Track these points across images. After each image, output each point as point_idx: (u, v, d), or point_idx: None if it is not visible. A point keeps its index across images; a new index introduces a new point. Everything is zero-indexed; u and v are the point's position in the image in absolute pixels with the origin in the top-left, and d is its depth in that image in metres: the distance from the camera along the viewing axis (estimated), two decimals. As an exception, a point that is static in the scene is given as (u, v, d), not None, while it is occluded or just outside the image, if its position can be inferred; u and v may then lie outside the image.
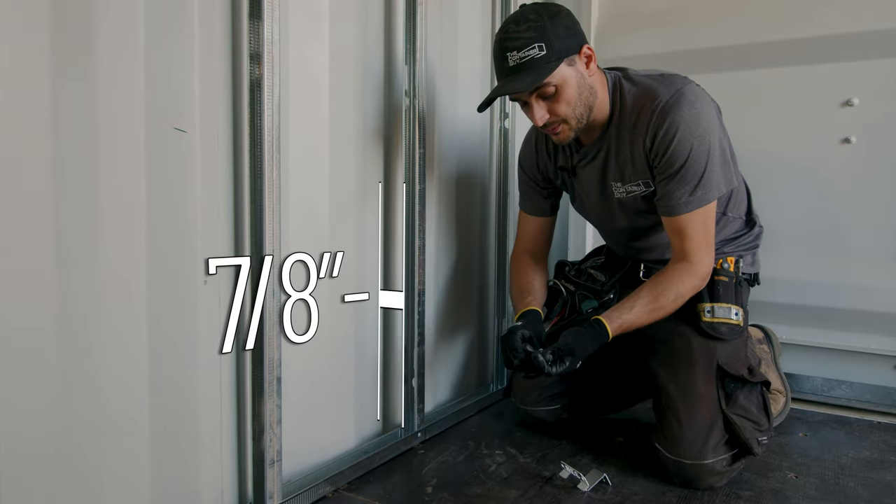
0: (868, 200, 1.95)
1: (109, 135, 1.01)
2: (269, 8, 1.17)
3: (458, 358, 1.97)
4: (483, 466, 1.53)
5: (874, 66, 1.93)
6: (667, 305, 1.49)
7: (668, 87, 1.48)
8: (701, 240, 1.48)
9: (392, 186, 1.62)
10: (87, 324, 1.00)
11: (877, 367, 1.97)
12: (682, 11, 2.20)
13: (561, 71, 1.41)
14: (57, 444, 0.98)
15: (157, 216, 1.09)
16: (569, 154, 1.66)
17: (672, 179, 1.47)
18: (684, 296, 1.50)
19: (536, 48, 1.38)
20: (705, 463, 1.40)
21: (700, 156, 1.44)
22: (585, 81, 1.46)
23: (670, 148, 1.44)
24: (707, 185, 1.46)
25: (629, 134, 1.52)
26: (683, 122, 1.43)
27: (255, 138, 1.19)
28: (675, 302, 1.49)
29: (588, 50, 1.46)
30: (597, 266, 1.84)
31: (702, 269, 1.50)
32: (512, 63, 1.40)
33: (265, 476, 1.22)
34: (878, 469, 1.53)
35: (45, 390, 0.96)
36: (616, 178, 1.58)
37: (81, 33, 0.97)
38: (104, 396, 1.03)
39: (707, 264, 1.50)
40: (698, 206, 1.46)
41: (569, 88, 1.44)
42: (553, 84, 1.42)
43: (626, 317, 1.48)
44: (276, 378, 1.23)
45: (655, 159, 1.48)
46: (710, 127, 1.45)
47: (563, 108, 1.45)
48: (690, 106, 1.44)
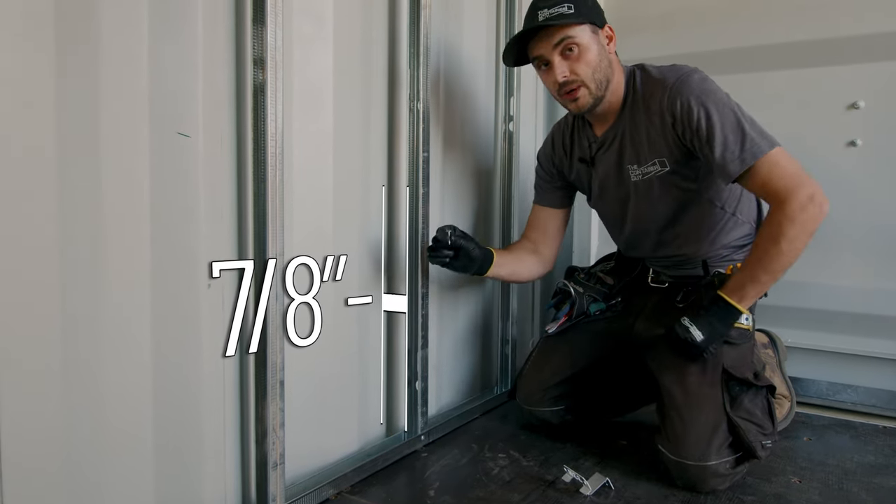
0: (874, 203, 1.95)
1: (113, 139, 1.02)
2: (273, 13, 1.17)
3: (462, 360, 1.97)
4: (486, 470, 1.53)
5: (880, 69, 1.92)
6: (780, 253, 1.39)
7: (677, 70, 1.53)
8: (781, 176, 1.40)
9: (396, 190, 1.63)
10: (90, 327, 1.01)
11: (882, 371, 1.97)
12: (688, 14, 2.20)
13: (586, 32, 1.50)
14: (60, 447, 0.98)
15: (161, 220, 1.09)
16: (587, 146, 1.70)
17: (713, 146, 1.43)
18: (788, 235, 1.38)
19: (566, 6, 1.47)
20: (708, 465, 1.40)
21: (726, 117, 1.43)
22: (606, 54, 1.54)
23: (692, 115, 1.45)
24: (751, 138, 1.41)
25: (643, 115, 1.55)
26: (696, 91, 1.46)
27: (259, 143, 1.19)
28: (789, 245, 1.38)
29: (610, 30, 1.56)
30: (606, 270, 1.86)
31: (795, 200, 1.37)
32: (542, 18, 1.48)
33: (268, 479, 1.22)
34: (883, 474, 1.52)
35: (48, 394, 0.96)
36: (632, 161, 1.61)
37: (85, 38, 0.98)
38: (107, 399, 1.04)
39: (803, 190, 1.38)
40: (755, 158, 1.41)
41: (591, 51, 1.51)
42: (577, 42, 1.49)
43: (745, 281, 1.43)
44: (280, 381, 1.24)
45: (686, 133, 1.48)
46: (727, 97, 1.48)
47: (583, 68, 1.51)
48: (701, 81, 1.49)
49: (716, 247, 1.65)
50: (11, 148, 0.90)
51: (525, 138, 2.18)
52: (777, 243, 1.39)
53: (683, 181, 1.57)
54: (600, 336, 1.75)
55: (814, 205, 1.38)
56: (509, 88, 2.03)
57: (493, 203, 2.06)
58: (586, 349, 1.74)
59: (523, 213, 2.06)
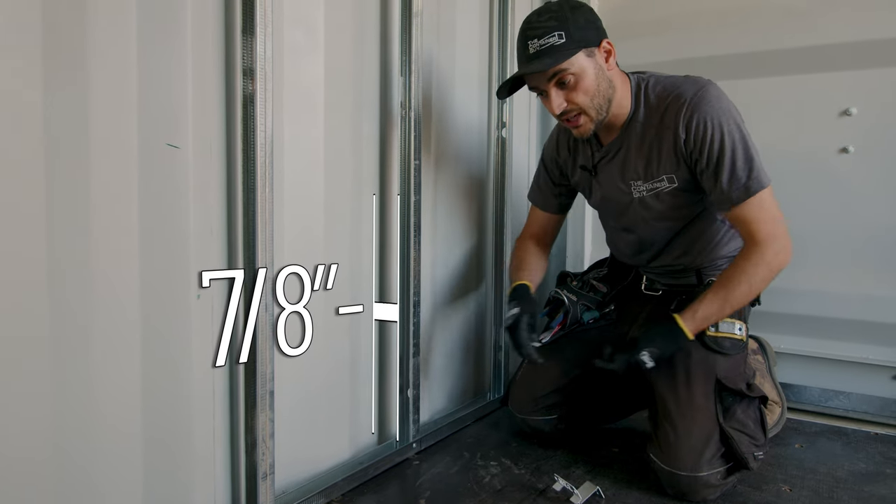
0: (866, 210, 1.95)
1: (102, 150, 1.02)
2: (262, 23, 1.17)
3: (454, 368, 1.97)
4: (477, 478, 1.53)
5: (872, 76, 1.92)
6: (740, 288, 1.45)
7: (694, 83, 1.50)
8: (765, 219, 1.44)
9: (387, 198, 1.63)
10: (80, 337, 1.01)
11: (875, 378, 1.97)
12: (680, 20, 2.20)
13: (579, 60, 1.45)
14: (49, 457, 0.98)
15: (150, 229, 1.09)
16: (590, 154, 1.68)
17: (718, 171, 1.45)
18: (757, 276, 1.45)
19: (556, 36, 1.42)
20: (700, 475, 1.40)
21: (736, 144, 1.44)
22: (604, 74, 1.49)
23: (706, 138, 1.44)
24: (758, 168, 1.44)
25: (655, 129, 1.53)
26: (713, 113, 1.44)
27: (248, 153, 1.19)
28: (749, 286, 1.45)
29: (608, 45, 1.49)
30: (599, 278, 1.85)
31: (773, 245, 1.43)
32: (532, 50, 1.45)
33: (258, 490, 1.22)
34: (874, 482, 1.52)
35: (37, 404, 0.96)
36: (636, 177, 1.59)
37: (74, 48, 0.98)
38: (97, 410, 1.04)
39: (779, 240, 1.44)
40: (754, 192, 1.43)
41: (587, 78, 1.46)
42: (571, 72, 1.45)
43: (699, 308, 1.48)
44: (269, 392, 1.23)
45: (693, 153, 1.48)
46: (738, 119, 1.47)
47: (580, 97, 1.48)
48: (717, 99, 1.47)
49: (712, 257, 1.65)
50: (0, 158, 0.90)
51: (518, 145, 2.18)
52: (749, 283, 1.45)
53: (692, 196, 1.56)
54: (593, 345, 1.75)
55: (785, 255, 1.46)
56: (502, 95, 2.03)
57: (486, 210, 2.06)
58: (579, 358, 1.74)
59: (516, 220, 2.06)
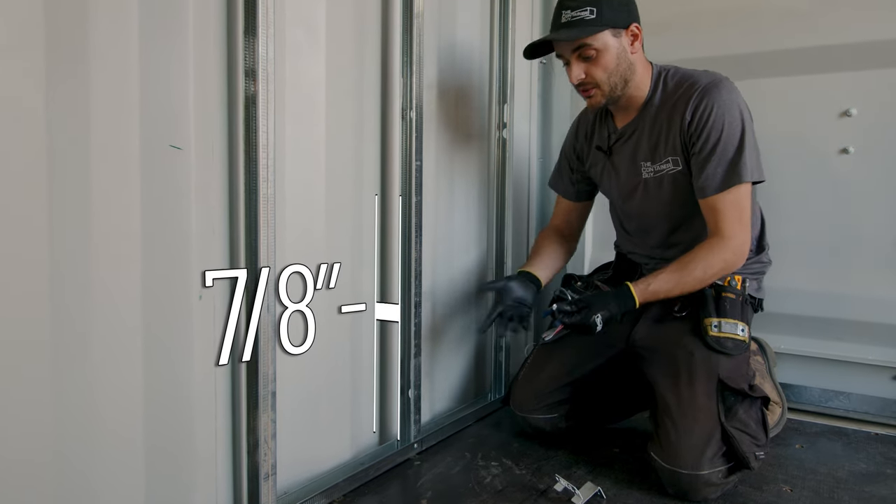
0: (866, 211, 1.95)
1: (104, 151, 1.02)
2: (264, 24, 1.17)
3: (456, 367, 1.97)
4: (479, 478, 1.53)
5: (873, 77, 1.93)
6: (694, 273, 1.54)
7: (712, 75, 1.58)
8: (734, 216, 1.53)
9: (389, 198, 1.63)
10: (82, 337, 1.01)
11: (875, 378, 1.97)
12: (681, 21, 2.20)
13: (604, 37, 1.54)
14: (50, 458, 0.98)
15: (152, 230, 1.10)
16: (606, 135, 1.74)
17: (709, 158, 1.53)
18: (713, 267, 1.54)
19: (588, 11, 1.52)
20: (701, 474, 1.40)
21: (733, 135, 1.52)
22: (626, 56, 1.58)
23: (707, 124, 1.53)
24: (742, 165, 1.51)
25: (667, 113, 1.61)
26: (721, 102, 1.53)
27: (250, 154, 1.19)
28: (703, 272, 1.54)
29: (636, 29, 1.59)
30: (604, 280, 1.87)
31: (733, 242, 1.53)
32: (564, 20, 1.55)
33: (260, 490, 1.23)
34: (874, 482, 1.53)
35: (39, 403, 0.97)
36: (646, 158, 1.66)
37: (76, 49, 0.98)
38: (99, 410, 1.04)
39: (741, 239, 1.54)
40: (733, 185, 1.51)
41: (608, 56, 1.56)
42: (594, 47, 1.54)
43: (653, 282, 1.56)
44: (271, 392, 1.24)
45: (692, 136, 1.55)
46: (745, 115, 1.55)
47: (598, 72, 1.57)
48: (729, 91, 1.55)
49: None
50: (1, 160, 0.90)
51: (519, 145, 2.19)
52: (704, 272, 1.54)
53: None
54: (596, 344, 1.75)
55: (740, 258, 1.56)
56: (503, 96, 2.03)
57: (487, 211, 2.06)
58: (582, 357, 1.74)
59: (517, 220, 2.07)
